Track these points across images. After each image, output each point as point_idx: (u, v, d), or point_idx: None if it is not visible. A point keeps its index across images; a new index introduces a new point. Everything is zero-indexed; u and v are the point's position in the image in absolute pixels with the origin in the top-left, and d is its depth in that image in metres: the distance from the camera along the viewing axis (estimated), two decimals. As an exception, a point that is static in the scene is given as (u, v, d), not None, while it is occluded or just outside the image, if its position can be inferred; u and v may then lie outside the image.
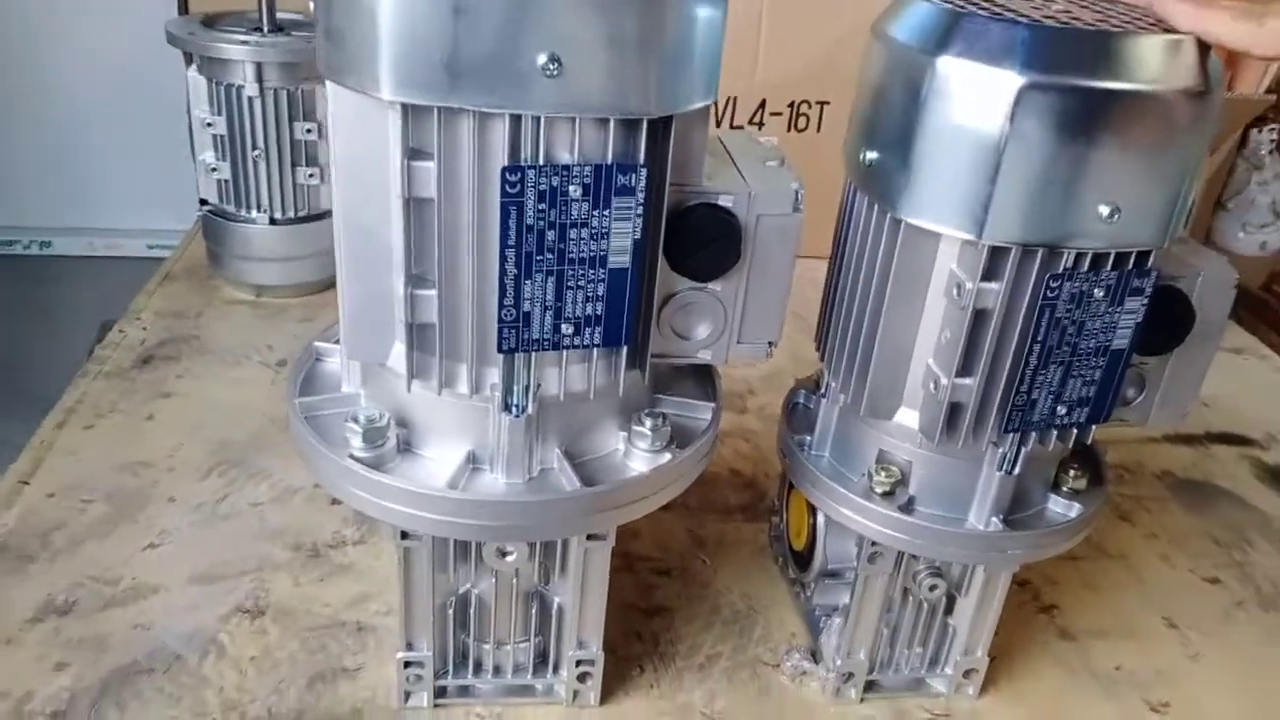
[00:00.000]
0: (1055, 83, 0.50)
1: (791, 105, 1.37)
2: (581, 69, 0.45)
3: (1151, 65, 0.50)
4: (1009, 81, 0.50)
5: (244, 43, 1.08)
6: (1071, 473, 0.64)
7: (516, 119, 0.47)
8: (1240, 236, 2.42)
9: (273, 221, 1.17)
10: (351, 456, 0.55)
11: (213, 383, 1.06)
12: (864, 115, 0.59)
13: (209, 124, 1.12)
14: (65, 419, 0.97)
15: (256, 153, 1.13)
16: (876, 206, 0.58)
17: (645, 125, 0.48)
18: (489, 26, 0.44)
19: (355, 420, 0.56)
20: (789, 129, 1.39)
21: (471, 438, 0.56)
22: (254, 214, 1.17)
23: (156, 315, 1.18)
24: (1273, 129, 2.35)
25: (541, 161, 0.48)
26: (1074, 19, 0.52)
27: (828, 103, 1.37)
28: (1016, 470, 0.60)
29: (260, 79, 1.09)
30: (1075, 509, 0.64)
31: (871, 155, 0.57)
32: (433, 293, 0.51)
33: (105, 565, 0.79)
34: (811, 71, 1.34)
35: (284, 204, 1.16)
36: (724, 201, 0.55)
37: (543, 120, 0.47)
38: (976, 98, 0.51)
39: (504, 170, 0.47)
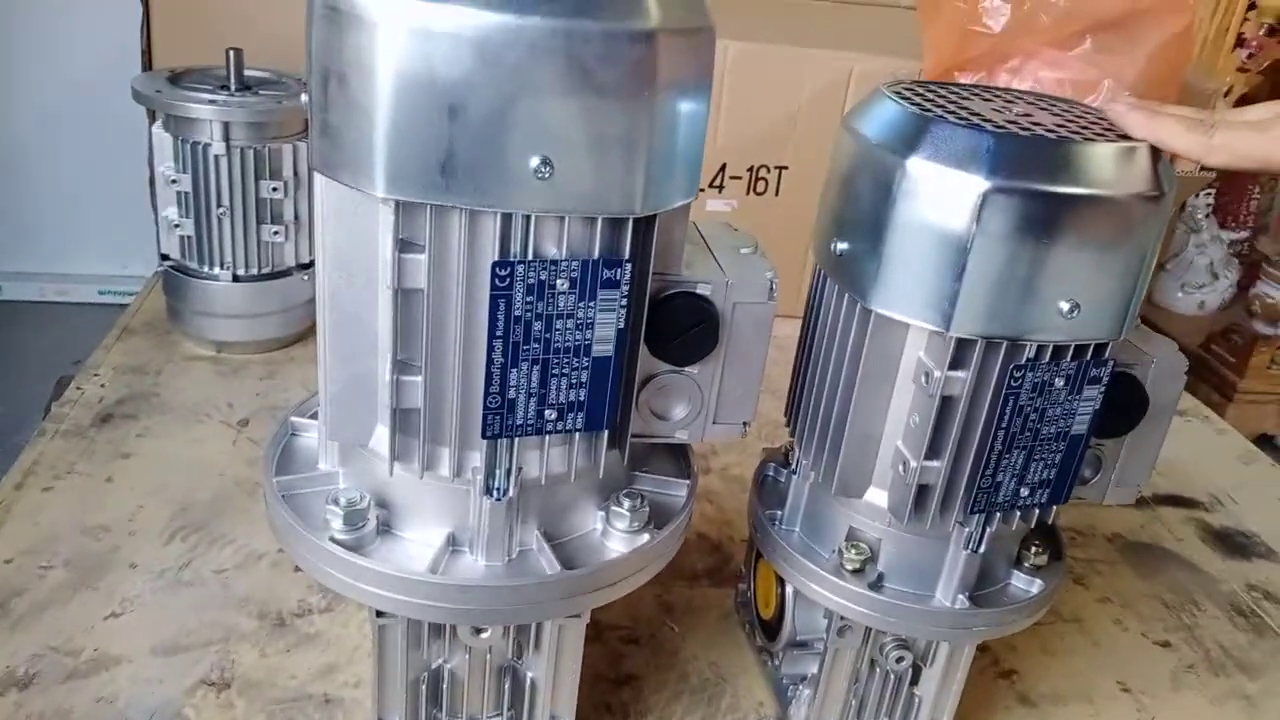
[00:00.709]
0: (1018, 187, 0.52)
1: (751, 169, 1.41)
2: (572, 171, 0.47)
3: (1109, 171, 0.53)
4: (975, 185, 0.52)
5: (212, 102, 1.09)
6: (1033, 549, 0.67)
7: (507, 217, 0.48)
8: (1179, 296, 2.51)
9: (235, 278, 1.16)
10: (332, 539, 0.55)
11: (173, 442, 1.05)
12: (835, 206, 0.62)
13: (173, 181, 1.12)
14: (23, 480, 0.95)
15: (221, 210, 1.12)
16: (847, 296, 0.60)
17: (631, 223, 0.50)
18: (484, 129, 0.45)
19: (336, 502, 0.56)
20: (748, 192, 1.42)
21: (452, 520, 0.57)
22: (216, 270, 1.16)
23: (115, 371, 1.16)
24: (1209, 193, 2.45)
25: (530, 256, 0.49)
26: (1035, 123, 0.55)
27: (786, 167, 1.41)
28: (982, 549, 0.62)
29: (227, 138, 1.09)
30: (1037, 585, 0.66)
31: (842, 246, 0.60)
32: (418, 379, 0.52)
33: (67, 635, 0.77)
34: (770, 137, 1.38)
35: (248, 261, 1.16)
36: (702, 290, 0.56)
37: (533, 218, 0.48)
38: (944, 199, 0.54)
39: (494, 265, 0.48)
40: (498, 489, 0.55)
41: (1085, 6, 1.00)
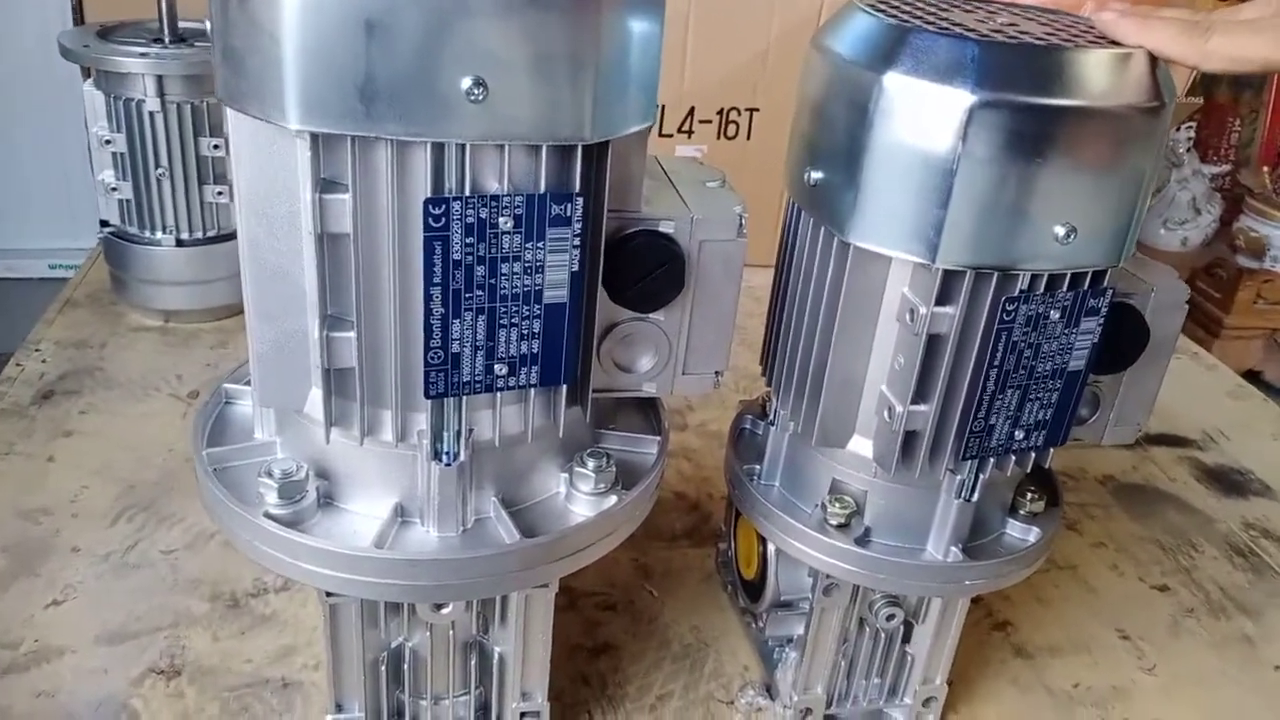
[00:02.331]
0: (1007, 100, 0.47)
1: (721, 112, 1.35)
2: (509, 93, 0.41)
3: (1106, 81, 0.48)
4: (960, 100, 0.47)
5: (143, 55, 1.02)
6: (1029, 496, 0.63)
7: (439, 147, 0.43)
8: (1161, 233, 2.48)
9: (179, 243, 1.10)
10: (267, 514, 0.51)
11: (119, 418, 0.99)
12: (807, 133, 0.57)
13: (108, 141, 1.06)
14: (-44, 464, 0.90)
15: (160, 171, 1.06)
16: (823, 229, 0.55)
17: (580, 152, 0.45)
18: (406, 47, 0.40)
19: (270, 474, 0.51)
20: (718, 136, 1.36)
21: (399, 489, 0.52)
22: (159, 235, 1.10)
23: (57, 345, 1.10)
24: (1189, 127, 2.41)
25: (468, 192, 0.44)
26: (1022, 33, 0.50)
27: (757, 109, 1.35)
28: (975, 497, 0.58)
29: (162, 93, 1.02)
30: (1034, 533, 0.62)
31: (816, 175, 0.55)
32: (350, 335, 0.47)
33: (4, 626, 0.73)
34: (740, 78, 1.32)
35: (191, 224, 1.10)
36: (665, 228, 0.51)
37: (468, 148, 0.43)
38: (926, 117, 0.49)
39: (427, 202, 0.43)
40: (447, 453, 0.50)
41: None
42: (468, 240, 0.44)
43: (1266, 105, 2.19)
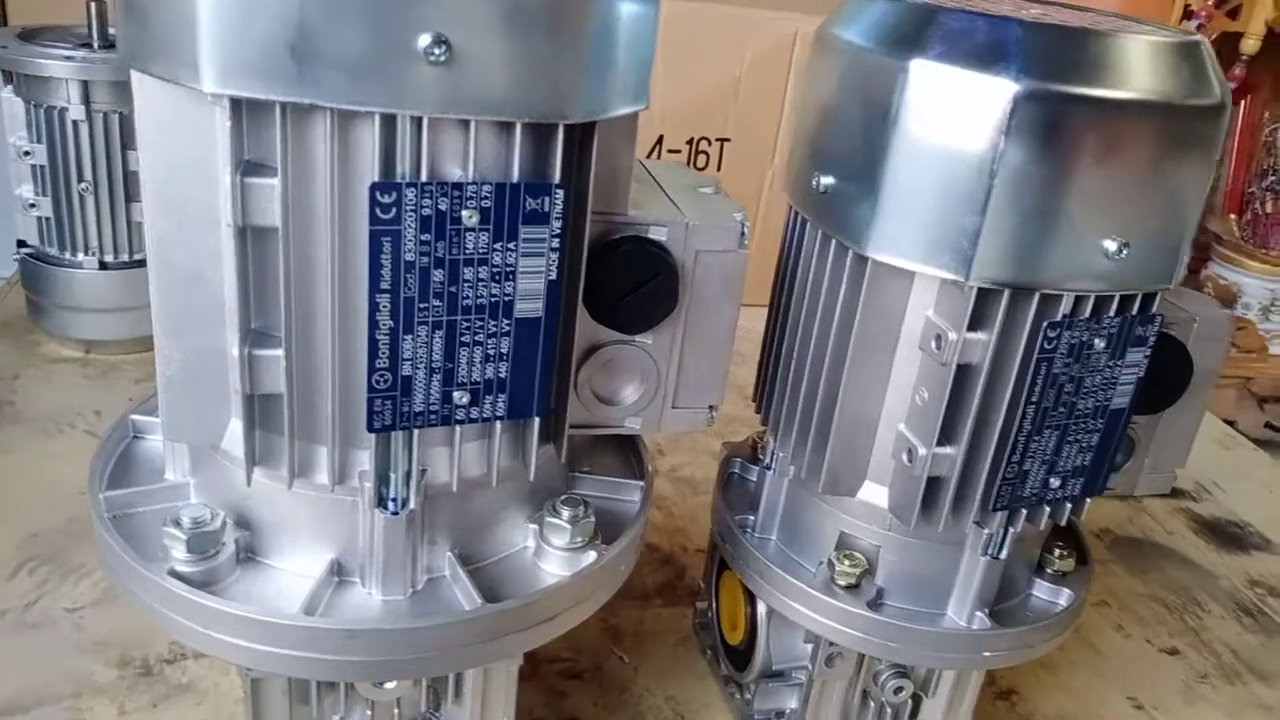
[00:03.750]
0: (1058, 91, 0.41)
1: (690, 142, 1.29)
2: (477, 54, 0.34)
3: (1167, 73, 0.42)
4: (1002, 89, 0.41)
5: (68, 58, 0.93)
6: (1057, 552, 0.55)
7: (390, 120, 0.35)
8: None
9: (103, 266, 1.00)
10: (173, 572, 0.42)
11: (26, 457, 0.89)
12: (813, 134, 0.50)
13: (27, 153, 0.96)
14: None
15: (83, 186, 0.97)
16: (834, 241, 0.48)
17: (562, 133, 0.37)
18: (351, -6, 0.32)
19: (177, 523, 0.42)
20: (688, 166, 1.30)
21: (335, 542, 0.43)
22: (80, 257, 1.00)
23: (-39, 378, 1.00)
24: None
25: (425, 178, 0.36)
26: (1063, 22, 0.44)
27: (728, 139, 1.30)
28: (1004, 554, 0.51)
29: (87, 100, 0.93)
30: (1064, 595, 0.55)
31: (826, 180, 0.48)
32: (279, 353, 0.39)
33: (-127, 699, 0.62)
34: (710, 106, 1.27)
35: (116, 245, 1.00)
36: (655, 235, 0.44)
37: (426, 122, 0.35)
38: (961, 109, 0.42)
39: (374, 188, 0.35)
40: (394, 499, 0.42)
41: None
42: (423, 237, 0.36)
43: (1230, 151, 2.19)
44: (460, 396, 0.40)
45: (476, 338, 0.39)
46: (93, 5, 0.98)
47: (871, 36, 0.46)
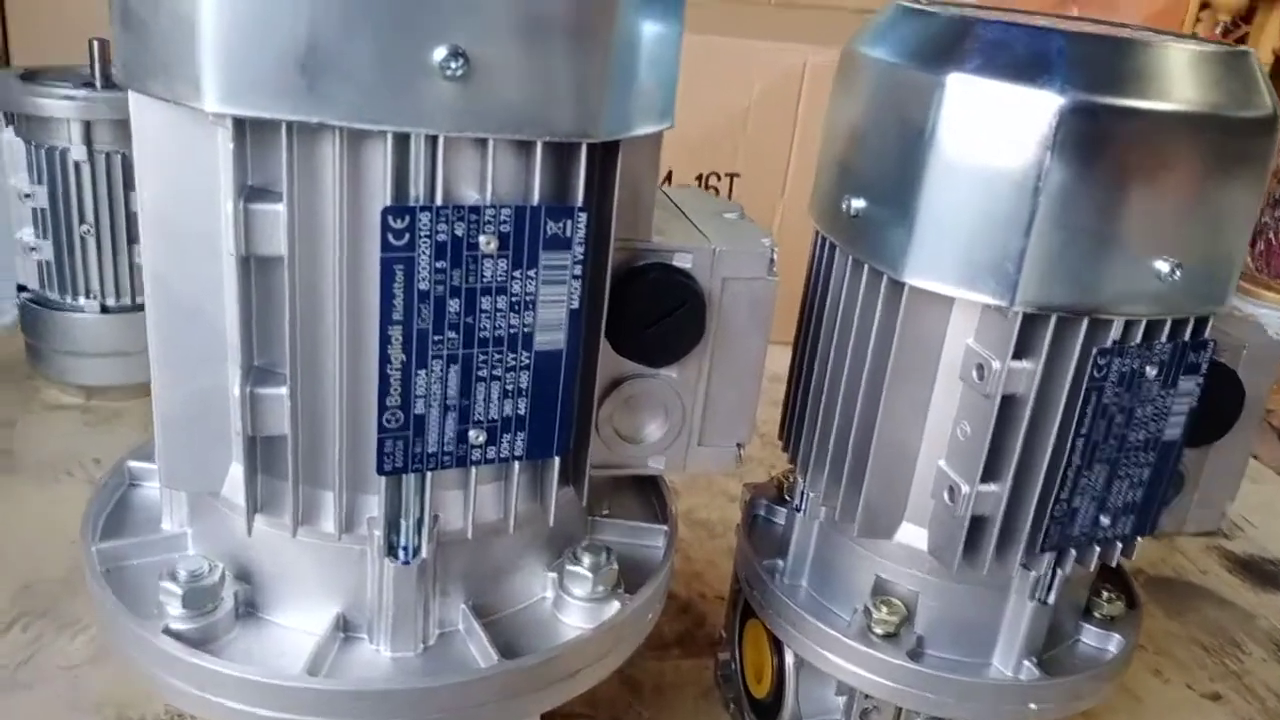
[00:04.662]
0: (1106, 103, 0.39)
1: (699, 177, 1.27)
2: (496, 68, 0.32)
3: (1219, 84, 0.40)
4: (1046, 102, 0.39)
5: (69, 98, 0.92)
6: (1104, 595, 0.52)
7: (403, 140, 0.33)
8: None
9: (104, 309, 0.98)
10: (167, 630, 0.39)
11: (22, 506, 0.86)
12: (843, 155, 0.48)
13: (27, 195, 0.94)
14: None
15: (85, 228, 0.95)
16: (866, 267, 0.46)
17: (584, 152, 0.35)
18: (363, 6, 0.30)
19: (173, 576, 0.39)
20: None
21: (342, 595, 0.40)
22: (81, 300, 0.98)
23: (-43, 425, 0.97)
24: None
25: (440, 201, 0.34)
26: (1105, 33, 0.42)
27: (738, 174, 1.28)
28: (1052, 598, 0.48)
29: (89, 141, 0.92)
30: (1114, 641, 0.52)
31: (858, 204, 0.45)
32: (283, 391, 0.36)
33: None
34: (720, 141, 1.25)
35: (118, 288, 0.98)
36: (680, 262, 0.42)
37: (441, 142, 0.33)
38: (1002, 124, 0.40)
39: (385, 212, 0.33)
40: (405, 548, 0.39)
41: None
42: (438, 264, 0.34)
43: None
44: (476, 436, 0.37)
45: (494, 372, 0.36)
46: (95, 44, 0.97)
47: (903, 52, 0.44)
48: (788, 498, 0.57)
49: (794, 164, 1.27)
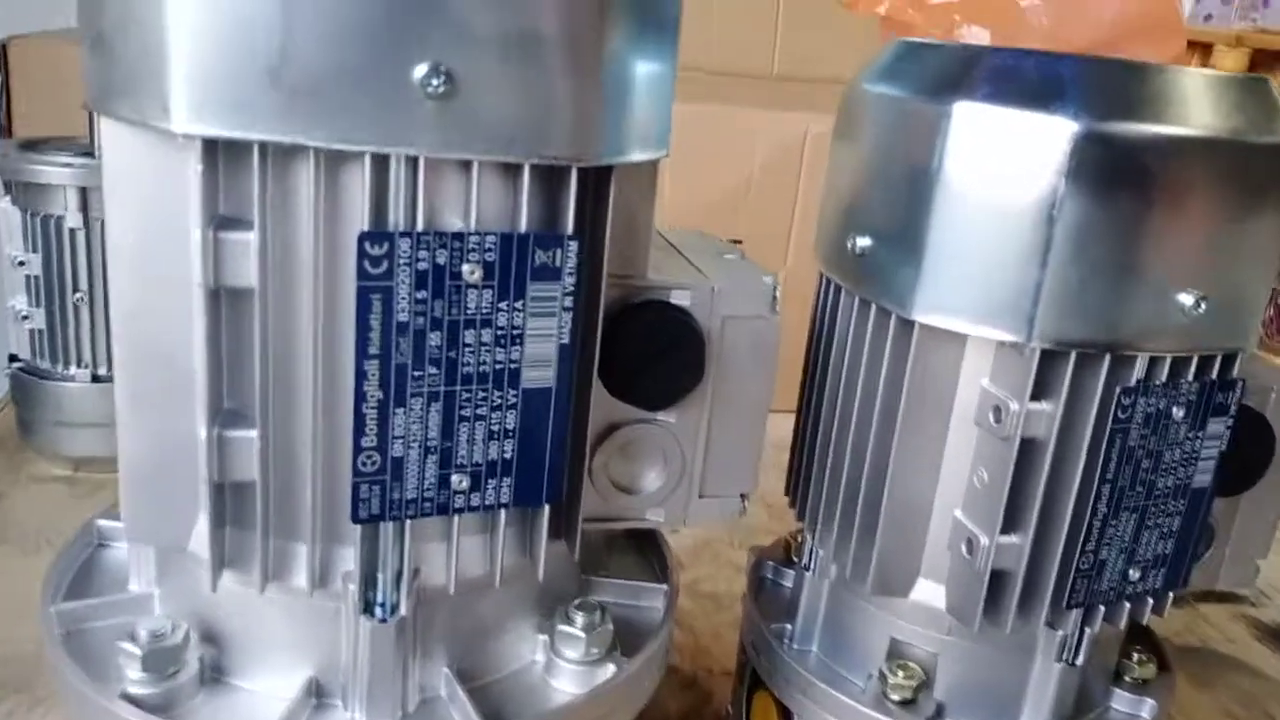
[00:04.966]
0: (1122, 129, 0.37)
1: (702, 245, 1.27)
2: (482, 85, 0.30)
3: (1237, 109, 0.38)
4: (1059, 129, 0.37)
5: (66, 165, 0.91)
6: (1135, 657, 0.49)
7: (382, 161, 0.31)
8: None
9: (95, 379, 0.96)
10: (125, 695, 0.36)
11: (3, 578, 0.83)
12: (847, 195, 0.46)
13: (21, 263, 0.93)
14: None
15: (78, 296, 0.94)
16: (874, 307, 0.44)
17: (575, 177, 0.33)
18: (341, 17, 0.29)
19: (132, 637, 0.37)
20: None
21: (315, 657, 0.37)
22: (73, 370, 0.96)
23: (-60, 498, 0.94)
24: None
25: (421, 227, 0.32)
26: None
27: (740, 241, 1.26)
28: (1080, 659, 0.44)
29: (85, 207, 0.91)
30: (1147, 707, 0.48)
31: (864, 242, 0.43)
32: (253, 434, 0.34)
33: None
34: (722, 208, 1.25)
35: (110, 357, 0.96)
36: (678, 299, 0.40)
37: (422, 164, 0.31)
38: (1014, 153, 0.38)
39: (363, 238, 0.31)
40: (382, 604, 0.36)
41: (1069, 29, 0.89)
42: (418, 295, 0.32)
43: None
44: (459, 481, 0.35)
45: (479, 411, 0.34)
46: (93, 113, 0.97)
47: (909, 86, 0.42)
48: (796, 558, 0.54)
49: (796, 232, 1.27)
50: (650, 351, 0.39)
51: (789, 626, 0.51)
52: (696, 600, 0.90)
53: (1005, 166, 0.38)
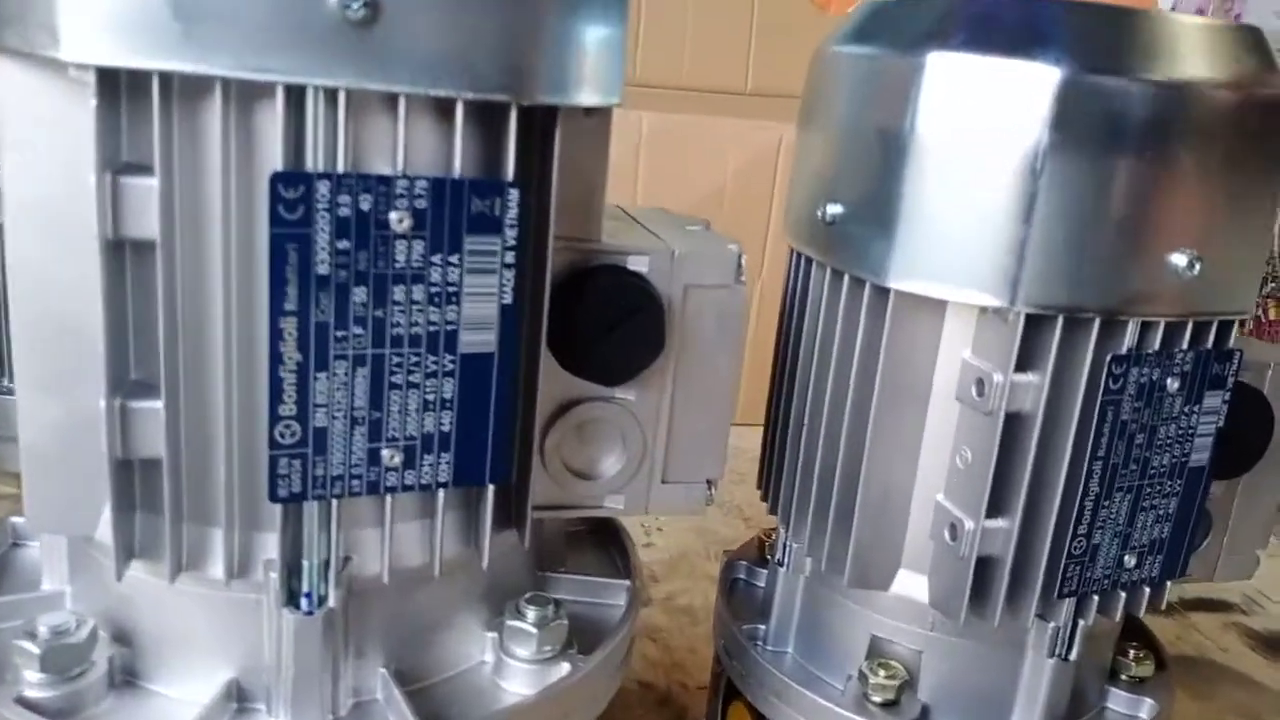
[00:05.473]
0: (1109, 81, 0.35)
1: (676, 254, 1.24)
2: (406, 10, 0.27)
3: (1232, 59, 0.36)
4: (1042, 76, 0.35)
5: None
6: (1131, 654, 0.46)
7: (297, 94, 0.28)
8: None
9: (42, 389, 0.92)
10: (20, 700, 0.32)
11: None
12: (814, 164, 0.43)
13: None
14: None
15: (24, 303, 0.89)
16: (846, 277, 0.41)
17: (515, 117, 0.30)
18: (245, -70, 0.26)
19: (31, 634, 0.33)
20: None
21: (234, 656, 0.34)
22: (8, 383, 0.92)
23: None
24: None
25: (343, 168, 0.29)
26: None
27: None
28: (1074, 653, 0.41)
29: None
30: (1146, 707, 0.45)
31: (834, 209, 0.41)
32: (158, 404, 0.30)
33: None
34: (696, 210, 1.22)
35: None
36: (635, 265, 0.37)
37: (343, 97, 0.28)
38: (993, 104, 0.36)
39: (275, 180, 0.28)
40: (308, 595, 0.32)
41: None
42: (340, 244, 0.29)
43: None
44: (391, 456, 0.31)
45: (411, 378, 0.31)
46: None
47: (880, 42, 0.40)
48: (769, 556, 0.51)
49: (771, 244, 1.24)
50: (605, 321, 0.36)
51: (762, 628, 0.48)
52: (671, 615, 0.86)
53: (984, 119, 0.36)
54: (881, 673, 0.43)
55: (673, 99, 1.27)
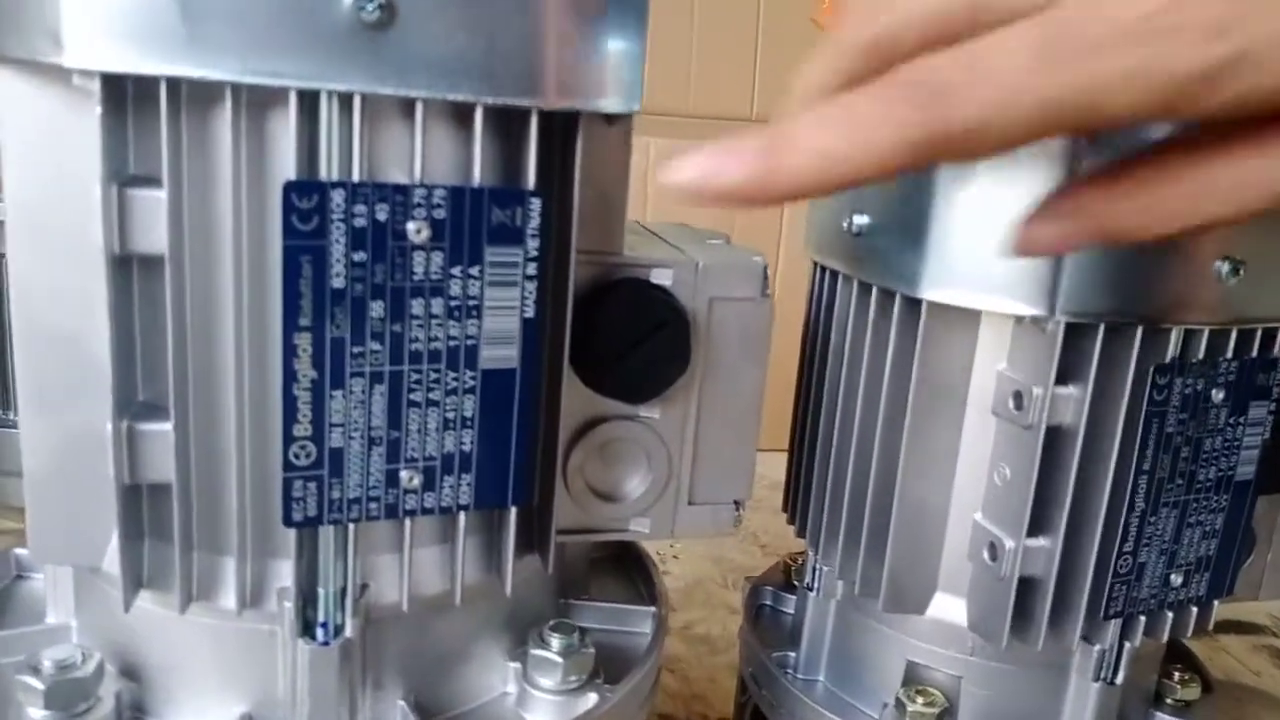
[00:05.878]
0: (1143, 73, 0.33)
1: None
2: (423, 12, 0.26)
3: None
4: (1074, 76, 0.33)
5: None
6: (1176, 677, 0.44)
7: (310, 100, 0.27)
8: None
9: (48, 421, 0.91)
10: (22, 738, 0.30)
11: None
12: (840, 174, 0.42)
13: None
14: None
15: (30, 335, 0.89)
16: (875, 290, 0.40)
17: (536, 123, 0.29)
18: (257, -69, 0.25)
19: (36, 669, 0.31)
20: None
21: (247, 689, 0.32)
22: (13, 415, 0.91)
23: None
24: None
25: (358, 177, 0.28)
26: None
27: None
28: (1120, 677, 0.39)
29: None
30: (1195, 733, 0.43)
31: (862, 220, 0.40)
32: (167, 426, 0.29)
33: None
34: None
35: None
36: (659, 278, 0.35)
37: (358, 103, 0.27)
38: (1024, 107, 0.34)
39: (289, 189, 0.27)
40: (324, 625, 0.31)
41: None
42: (356, 256, 0.28)
43: None
44: (410, 477, 0.30)
45: (431, 396, 0.30)
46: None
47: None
48: (797, 580, 0.49)
49: (783, 263, 1.24)
50: (629, 336, 0.34)
51: (793, 655, 0.46)
52: (690, 644, 0.84)
53: (1017, 121, 0.34)
54: (920, 700, 0.41)
55: (680, 126, 1.27)
